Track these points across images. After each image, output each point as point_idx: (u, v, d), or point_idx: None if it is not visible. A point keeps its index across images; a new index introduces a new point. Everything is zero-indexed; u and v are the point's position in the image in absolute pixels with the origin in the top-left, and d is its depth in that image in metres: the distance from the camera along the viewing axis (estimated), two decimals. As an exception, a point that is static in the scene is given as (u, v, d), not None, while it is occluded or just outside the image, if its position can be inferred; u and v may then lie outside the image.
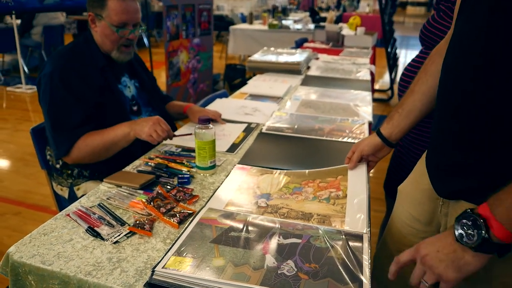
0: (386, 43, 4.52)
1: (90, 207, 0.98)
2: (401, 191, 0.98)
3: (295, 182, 1.10)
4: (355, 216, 0.93)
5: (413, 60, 1.37)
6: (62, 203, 1.49)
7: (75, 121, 1.30)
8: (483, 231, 0.56)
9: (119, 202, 1.00)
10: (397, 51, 4.63)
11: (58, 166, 1.43)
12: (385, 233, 1.04)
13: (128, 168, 1.21)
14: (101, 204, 1.00)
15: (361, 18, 4.61)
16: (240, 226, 0.87)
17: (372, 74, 2.74)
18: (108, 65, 1.42)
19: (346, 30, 4.36)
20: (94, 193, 1.06)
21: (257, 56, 2.72)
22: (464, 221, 0.60)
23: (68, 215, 0.94)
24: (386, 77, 5.18)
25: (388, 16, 4.41)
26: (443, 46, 0.88)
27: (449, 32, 0.91)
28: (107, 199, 1.02)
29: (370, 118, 1.67)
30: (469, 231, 0.58)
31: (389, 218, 1.03)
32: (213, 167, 1.16)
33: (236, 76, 4.68)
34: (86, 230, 0.88)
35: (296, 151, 1.34)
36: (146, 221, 0.91)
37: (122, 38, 1.40)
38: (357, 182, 1.06)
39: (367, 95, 2.06)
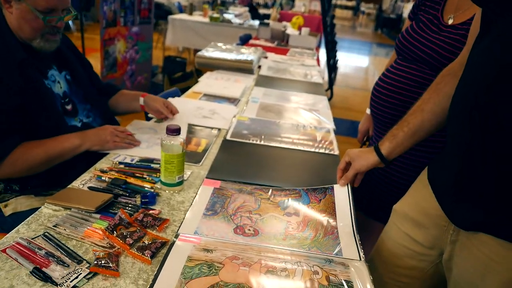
0: (327, 44, 4.60)
1: (32, 239, 0.79)
2: (397, 211, 0.93)
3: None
4: (348, 243, 0.86)
5: (388, 71, 1.31)
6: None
7: None
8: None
9: (71, 230, 0.82)
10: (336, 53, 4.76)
11: (-23, 178, 1.16)
12: (373, 255, 0.99)
13: (75, 184, 1.01)
14: (47, 234, 0.80)
15: (304, 18, 4.64)
16: (222, 258, 0.75)
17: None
18: (28, 57, 1.13)
19: (290, 30, 4.35)
20: (35, 219, 0.86)
21: (206, 52, 2.56)
22: None
23: (4, 251, 0.74)
24: (325, 78, 5.30)
25: (330, 18, 4.50)
26: (457, 68, 0.84)
27: (463, 53, 0.87)
28: (54, 226, 0.83)
29: (332, 125, 1.64)
30: None
31: None
32: (180, 183, 1.02)
33: (176, 70, 4.42)
34: (31, 273, 0.70)
35: (267, 161, 1.25)
36: (110, 257, 0.74)
37: (47, 26, 1.14)
38: (343, 205, 0.99)
39: (324, 99, 2.04)
